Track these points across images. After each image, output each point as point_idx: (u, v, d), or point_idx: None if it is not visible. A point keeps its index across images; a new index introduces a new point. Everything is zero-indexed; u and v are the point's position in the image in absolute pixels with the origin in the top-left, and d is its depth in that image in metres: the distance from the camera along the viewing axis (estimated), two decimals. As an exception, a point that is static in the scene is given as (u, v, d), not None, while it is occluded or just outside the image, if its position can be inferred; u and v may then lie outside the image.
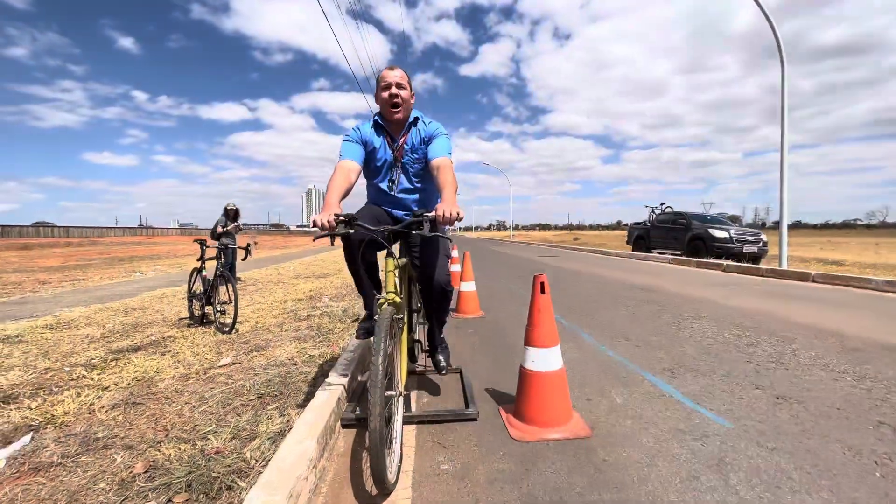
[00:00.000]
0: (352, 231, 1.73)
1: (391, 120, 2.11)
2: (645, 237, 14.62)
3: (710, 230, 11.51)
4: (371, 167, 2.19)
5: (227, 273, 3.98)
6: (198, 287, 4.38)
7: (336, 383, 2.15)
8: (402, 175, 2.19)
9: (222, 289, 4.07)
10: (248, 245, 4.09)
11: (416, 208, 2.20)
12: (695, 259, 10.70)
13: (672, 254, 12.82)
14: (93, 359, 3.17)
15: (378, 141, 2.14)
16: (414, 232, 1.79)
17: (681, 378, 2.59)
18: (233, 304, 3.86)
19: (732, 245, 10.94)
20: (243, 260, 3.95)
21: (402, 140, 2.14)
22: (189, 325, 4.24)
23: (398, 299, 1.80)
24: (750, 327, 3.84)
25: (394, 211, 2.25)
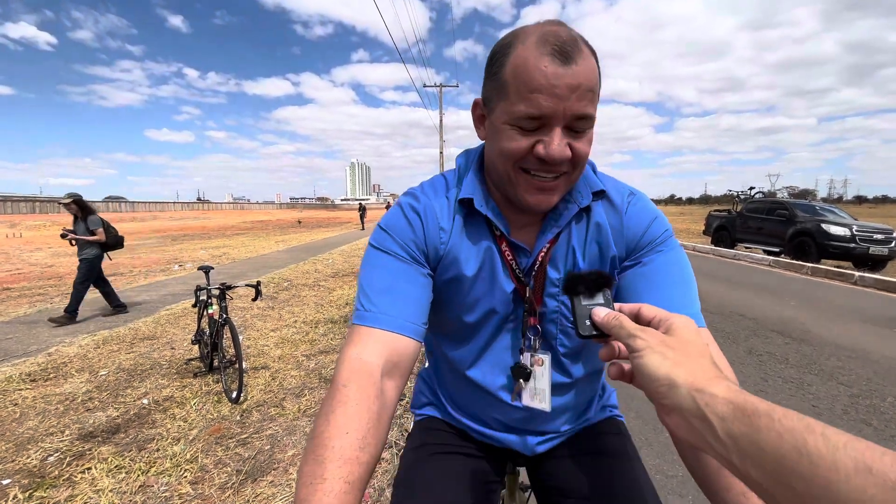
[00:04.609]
0: None
1: (523, 201, 0.64)
2: (728, 228, 12.53)
3: (823, 225, 9.36)
4: (449, 317, 0.75)
5: (232, 322, 3.07)
6: (205, 325, 3.60)
7: None
8: (542, 349, 0.73)
9: (228, 341, 3.20)
10: (258, 283, 3.15)
11: (565, 427, 0.82)
12: (807, 264, 8.71)
13: (767, 250, 10.80)
14: (48, 456, 2.38)
15: (475, 256, 0.70)
16: None
17: None
18: (237, 362, 2.99)
19: (855, 245, 8.84)
20: (253, 300, 3.01)
21: (541, 254, 0.69)
22: (195, 375, 3.47)
23: None
24: None
25: (507, 438, 0.81)
